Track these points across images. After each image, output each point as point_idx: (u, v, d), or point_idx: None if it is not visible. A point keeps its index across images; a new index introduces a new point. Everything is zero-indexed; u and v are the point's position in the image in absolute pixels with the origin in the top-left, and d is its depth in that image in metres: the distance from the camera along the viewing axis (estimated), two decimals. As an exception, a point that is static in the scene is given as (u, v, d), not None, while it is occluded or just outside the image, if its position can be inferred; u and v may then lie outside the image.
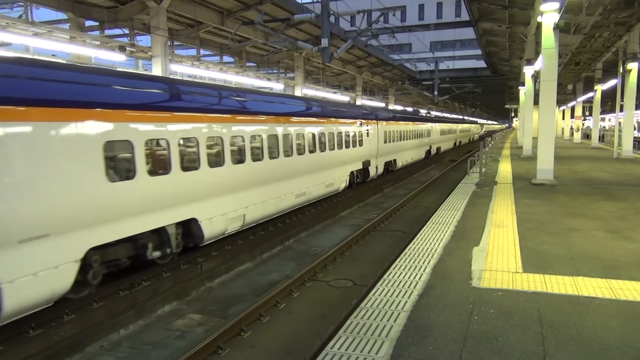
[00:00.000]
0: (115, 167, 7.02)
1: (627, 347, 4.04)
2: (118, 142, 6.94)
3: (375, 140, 19.63)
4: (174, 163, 7.98)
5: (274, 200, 11.44)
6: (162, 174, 7.79)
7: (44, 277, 5.87)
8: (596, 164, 19.65)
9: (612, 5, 16.20)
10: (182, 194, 8.27)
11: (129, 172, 7.17)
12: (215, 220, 9.21)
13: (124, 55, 14.97)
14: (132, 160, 7.18)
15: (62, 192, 6.06)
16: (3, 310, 5.43)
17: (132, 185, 7.16)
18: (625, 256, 6.58)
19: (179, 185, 8.14)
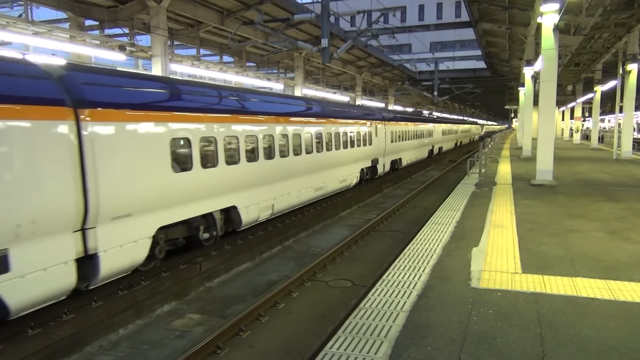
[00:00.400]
0: (178, 160, 8.20)
1: (626, 348, 4.04)
2: (180, 140, 8.25)
3: (383, 139, 20.70)
4: (220, 158, 9.27)
5: (297, 192, 12.77)
6: (211, 167, 9.05)
7: (128, 248, 7.24)
8: (595, 165, 19.66)
9: (612, 6, 16.22)
10: (226, 184, 9.58)
11: (187, 165, 8.40)
12: (251, 209, 10.56)
13: (124, 55, 14.97)
14: (190, 155, 8.45)
15: (141, 180, 7.32)
16: (100, 275, 6.80)
17: (190, 175, 8.44)
18: (624, 257, 6.58)
19: (223, 177, 9.43)
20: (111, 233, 6.91)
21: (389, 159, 22.23)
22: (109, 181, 6.69)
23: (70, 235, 6.39)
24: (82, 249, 6.57)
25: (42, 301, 6.14)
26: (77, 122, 6.33)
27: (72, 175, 6.23)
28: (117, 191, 6.86)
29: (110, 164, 6.74)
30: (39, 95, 5.96)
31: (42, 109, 5.91)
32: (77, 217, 6.36)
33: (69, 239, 6.36)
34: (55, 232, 6.15)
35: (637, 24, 18.70)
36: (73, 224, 6.36)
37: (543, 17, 13.23)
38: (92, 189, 6.45)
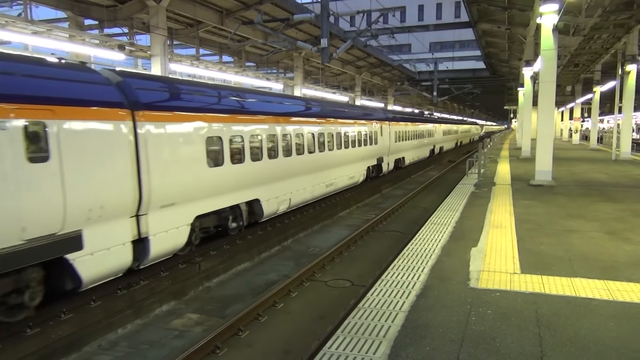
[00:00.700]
0: (211, 156, 9.11)
1: (625, 348, 4.05)
2: (213, 138, 9.17)
3: (387, 139, 21.75)
4: (247, 155, 10.24)
5: (310, 188, 13.77)
6: (239, 162, 10.00)
7: (172, 234, 8.20)
8: (594, 166, 19.68)
9: (611, 7, 16.23)
10: (251, 179, 10.56)
11: (219, 161, 9.34)
12: (271, 202, 11.55)
13: (123, 54, 14.96)
14: (222, 152, 9.41)
15: (183, 173, 8.30)
16: (150, 256, 7.78)
17: (221, 170, 9.41)
18: (622, 257, 6.59)
19: (249, 172, 10.41)
20: (159, 220, 7.90)
21: (393, 158, 23.17)
22: (158, 174, 7.70)
23: (128, 220, 7.37)
24: (136, 233, 7.54)
25: (105, 276, 7.11)
26: (133, 122, 7.33)
27: (131, 167, 7.24)
28: (165, 182, 7.88)
29: (160, 159, 7.75)
30: (104, 99, 6.92)
31: (106, 111, 6.88)
32: (133, 204, 7.36)
33: (127, 223, 7.35)
34: (117, 217, 7.13)
35: (636, 25, 18.72)
36: (130, 210, 7.35)
37: (542, 17, 13.24)
38: (145, 180, 7.45)
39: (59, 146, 6.11)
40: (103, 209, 6.74)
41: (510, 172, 17.59)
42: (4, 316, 6.09)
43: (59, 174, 6.11)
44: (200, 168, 8.75)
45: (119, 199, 7.05)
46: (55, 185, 6.07)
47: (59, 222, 6.16)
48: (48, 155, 6.00)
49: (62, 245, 6.30)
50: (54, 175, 6.04)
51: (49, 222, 6.05)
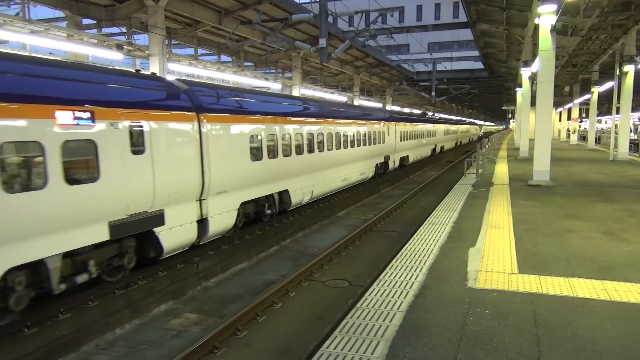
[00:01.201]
0: (253, 152, 10.65)
1: (622, 348, 4.06)
2: (255, 136, 10.76)
3: (393, 139, 23.51)
4: (279, 151, 11.80)
5: (329, 181, 15.34)
6: (273, 158, 11.53)
7: (224, 216, 9.76)
8: (592, 166, 19.72)
9: (609, 7, 16.26)
10: (282, 172, 12.09)
11: (258, 156, 10.90)
12: (297, 192, 13.10)
13: (121, 54, 14.94)
14: (261, 148, 10.97)
15: (233, 165, 9.86)
16: (208, 234, 9.29)
17: (261, 164, 10.98)
18: (620, 258, 6.61)
19: (281, 166, 11.96)
20: (215, 204, 9.44)
21: (398, 156, 24.88)
22: (216, 165, 9.21)
23: (194, 204, 8.92)
24: (199, 214, 9.07)
25: (178, 248, 8.71)
26: (198, 122, 8.83)
27: (197, 160, 8.78)
28: (220, 173, 9.38)
29: (217, 153, 9.27)
30: (178, 104, 8.51)
31: (179, 114, 8.46)
32: (198, 190, 8.91)
33: (193, 206, 8.90)
34: (187, 200, 8.69)
35: (634, 26, 18.75)
36: (196, 195, 8.92)
37: (540, 18, 13.26)
38: (206, 171, 8.98)
39: (150, 142, 7.69)
40: (178, 193, 8.34)
41: (508, 172, 17.62)
42: (108, 276, 7.63)
43: (151, 164, 7.71)
44: (246, 162, 10.42)
45: (188, 185, 8.66)
46: (149, 172, 7.65)
47: (150, 202, 7.72)
48: (144, 149, 7.59)
49: (152, 221, 7.87)
50: (147, 165, 7.64)
51: (144, 201, 7.62)
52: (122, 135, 7.16)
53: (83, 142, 6.62)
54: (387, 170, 23.08)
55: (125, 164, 7.19)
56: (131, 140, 7.31)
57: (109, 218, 7.02)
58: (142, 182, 7.53)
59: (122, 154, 7.15)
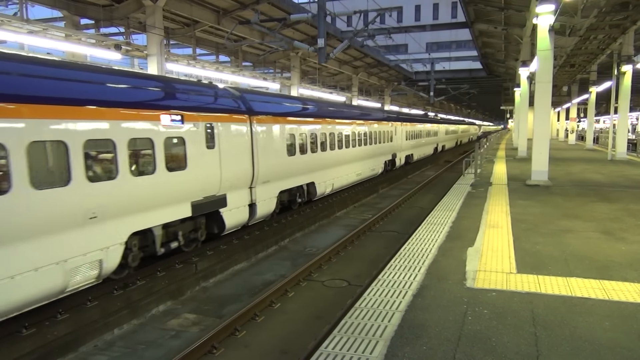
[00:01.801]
0: (288, 148, 12.45)
1: (620, 347, 4.07)
2: (290, 135, 12.59)
3: (400, 138, 25.39)
4: (308, 148, 13.64)
5: (346, 176, 17.18)
6: (303, 153, 13.36)
7: (267, 201, 11.61)
8: (590, 166, 19.76)
9: (607, 7, 16.30)
10: (310, 166, 13.94)
11: (292, 152, 12.72)
12: (321, 184, 14.96)
13: (120, 54, 14.91)
14: (294, 145, 12.84)
15: (274, 159, 11.65)
16: (256, 216, 11.15)
17: (294, 159, 12.84)
18: (618, 257, 6.62)
19: (309, 161, 13.83)
20: (261, 191, 11.31)
21: (404, 154, 26.68)
22: (262, 159, 11.02)
23: (247, 190, 10.78)
24: (250, 199, 10.90)
25: (236, 226, 10.60)
26: (250, 123, 10.63)
27: (249, 154, 10.59)
28: (265, 165, 11.18)
29: (263, 149, 11.10)
30: (235, 108, 10.29)
31: (237, 116, 10.22)
32: (249, 179, 10.74)
33: (246, 192, 10.78)
34: (242, 187, 10.54)
35: (631, 26, 18.79)
36: (248, 183, 10.76)
37: (539, 18, 13.28)
38: (256, 163, 10.80)
39: (218, 139, 9.47)
40: (236, 181, 10.16)
41: (507, 172, 17.64)
42: (185, 247, 9.44)
43: (219, 157, 9.48)
44: (283, 156, 12.20)
45: (243, 175, 10.46)
46: (217, 163, 9.44)
47: (218, 187, 9.56)
48: (214, 144, 9.37)
49: (218, 202, 9.69)
50: (216, 158, 9.42)
51: (214, 187, 9.44)
52: (200, 134, 9.01)
53: (177, 138, 8.45)
54: (394, 167, 24.83)
55: (202, 156, 9.04)
56: (206, 138, 9.16)
57: (191, 199, 8.86)
58: (213, 171, 9.41)
59: (200, 149, 8.99)
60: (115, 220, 7.20)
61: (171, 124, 8.23)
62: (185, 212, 8.72)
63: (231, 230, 10.39)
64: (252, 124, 10.70)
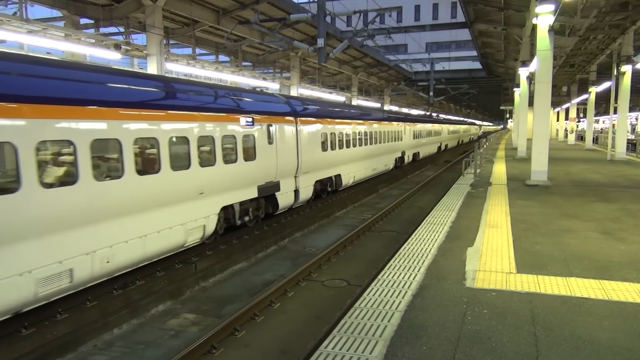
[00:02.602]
0: (323, 145, 14.87)
1: (619, 347, 4.07)
2: (324, 133, 14.92)
3: (408, 137, 27.79)
4: (336, 145, 16.02)
5: (363, 170, 19.49)
6: (333, 150, 15.79)
7: (307, 189, 13.95)
8: (590, 166, 19.77)
9: (606, 8, 16.30)
10: (337, 160, 16.34)
11: (326, 148, 15.09)
12: (346, 176, 17.43)
13: (119, 54, 14.90)
14: (327, 142, 15.17)
15: (312, 154, 13.97)
16: (299, 200, 13.50)
17: (327, 154, 15.27)
18: (617, 257, 6.62)
19: (338, 156, 16.26)
20: (303, 180, 13.67)
21: (411, 152, 29.12)
22: (304, 153, 13.36)
23: (292, 179, 13.16)
24: (294, 186, 13.28)
25: (285, 208, 12.97)
26: (295, 123, 12.96)
27: (295, 149, 12.92)
28: (306, 158, 13.52)
29: (304, 145, 13.43)
30: (285, 111, 12.68)
31: (287, 118, 12.59)
32: (295, 169, 13.05)
33: (292, 180, 13.17)
34: (290, 176, 12.93)
35: (631, 26, 18.80)
36: (294, 173, 13.10)
37: (538, 18, 13.28)
38: (299, 157, 13.13)
39: (275, 136, 11.78)
40: (286, 170, 12.52)
41: (506, 172, 17.65)
42: (248, 223, 11.62)
43: (275, 151, 11.82)
44: (318, 152, 14.57)
45: (291, 166, 12.79)
46: (274, 156, 11.77)
47: (274, 175, 11.94)
48: (272, 141, 11.70)
49: (275, 187, 12.14)
50: (274, 151, 11.75)
51: (272, 174, 11.80)
52: (264, 132, 11.32)
53: (249, 135, 10.73)
54: (403, 164, 27.21)
55: (265, 150, 11.34)
56: (267, 135, 11.47)
57: (257, 183, 11.26)
58: (272, 162, 11.68)
59: (264, 144, 11.31)
60: (213, 197, 9.59)
61: (246, 125, 10.65)
62: (254, 194, 11.21)
63: (281, 210, 12.81)
64: (297, 124, 13.07)
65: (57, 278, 6.30)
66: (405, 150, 27.13)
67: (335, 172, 16.25)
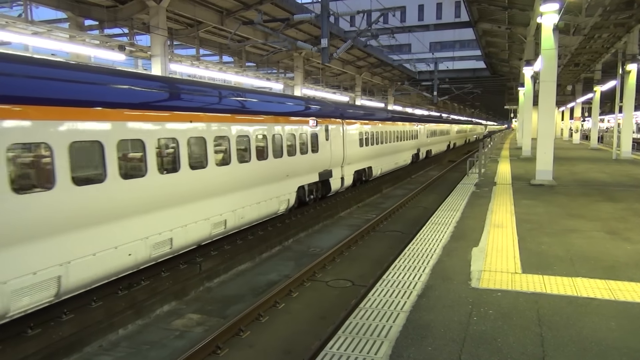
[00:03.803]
0: (360, 141, 18.12)
1: (626, 348, 4.04)
2: (360, 132, 18.10)
3: (423, 136, 31.05)
4: (369, 142, 19.27)
5: (387, 164, 22.63)
6: (367, 146, 19.02)
7: (349, 177, 17.17)
8: (595, 165, 19.68)
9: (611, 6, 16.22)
10: (369, 155, 19.52)
11: (362, 145, 18.34)
12: (375, 168, 20.51)
13: (124, 55, 14.94)
14: (362, 140, 18.40)
15: (353, 149, 17.28)
16: (343, 186, 16.85)
17: (363, 149, 18.48)
18: (624, 257, 6.58)
19: (369, 151, 19.40)
20: (346, 170, 16.86)
21: (425, 149, 32.23)
22: (348, 148, 16.64)
23: (339, 168, 16.17)
24: (341, 174, 16.29)
25: (335, 191, 16.13)
26: (342, 125, 16.21)
27: (342, 144, 16.07)
28: (349, 152, 16.76)
29: (348, 141, 16.69)
30: (337, 115, 15.87)
31: (337, 120, 15.79)
32: (342, 161, 16.11)
33: (339, 169, 16.21)
34: (338, 166, 15.89)
35: (636, 24, 18.70)
36: (341, 163, 16.12)
37: (543, 17, 13.22)
38: (345, 150, 16.30)
39: (330, 134, 14.93)
40: (336, 161, 15.72)
41: (511, 171, 17.59)
42: (310, 202, 14.51)
43: (330, 146, 15.03)
44: (357, 147, 17.92)
45: (339, 158, 16.01)
46: (329, 149, 14.96)
47: (329, 164, 15.01)
48: (328, 138, 14.89)
49: (328, 174, 15.21)
50: (329, 146, 14.93)
51: (327, 164, 14.91)
52: (323, 131, 14.65)
53: (315, 133, 14.06)
54: (418, 160, 30.27)
55: (324, 145, 14.67)
56: (325, 134, 14.79)
57: (318, 170, 14.53)
58: (328, 154, 14.97)
59: (323, 140, 14.65)
60: (293, 179, 12.95)
61: (313, 125, 13.99)
62: (316, 178, 14.55)
63: (332, 193, 16.07)
64: (343, 125, 16.41)
65: (162, 244, 7.99)
66: (420, 148, 30.46)
67: (367, 164, 19.45)
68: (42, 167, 6.06)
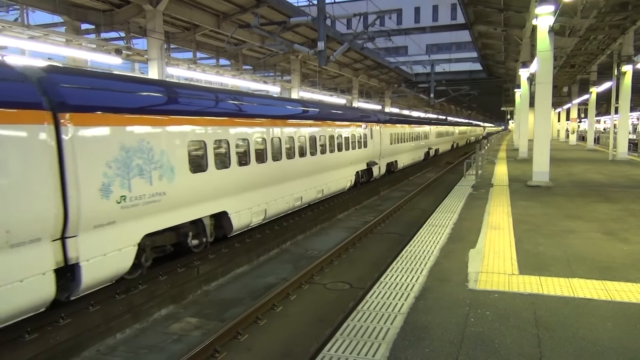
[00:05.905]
0: (390, 140, 22.24)
1: (623, 348, 4.06)
2: (390, 133, 22.24)
3: (432, 136, 34.73)
4: (396, 141, 23.31)
5: (407, 159, 26.52)
6: (395, 144, 23.09)
7: (382, 168, 22.12)
8: (592, 166, 19.75)
9: (606, 8, 16.29)
10: (395, 151, 23.54)
11: (392, 142, 22.56)
12: (399, 162, 24.41)
13: (120, 59, 14.95)
14: (392, 139, 22.50)
15: (386, 146, 21.69)
16: (381, 172, 21.54)
17: (391, 146, 22.62)
18: (620, 257, 6.61)
19: (395, 148, 23.36)
20: (382, 162, 21.16)
21: (434, 148, 35.98)
22: (383, 145, 21.00)
23: (378, 160, 20.60)
24: (379, 165, 20.78)
25: (375, 178, 20.82)
26: (379, 127, 20.54)
27: (380, 142, 20.52)
28: (384, 149, 21.12)
29: (383, 140, 21.05)
30: (375, 120, 20.31)
31: (377, 124, 20.23)
32: (379, 154, 20.60)
33: (378, 161, 20.54)
34: (377, 158, 20.33)
35: (631, 26, 18.79)
36: (378, 156, 20.62)
37: (538, 19, 13.29)
38: (381, 147, 20.75)
39: (371, 134, 19.25)
40: (376, 155, 19.96)
41: (508, 173, 17.64)
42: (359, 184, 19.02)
43: (372, 143, 19.34)
44: (388, 144, 21.68)
45: (378, 152, 20.16)
46: (372, 146, 19.37)
47: (372, 156, 19.64)
48: (372, 136, 19.27)
49: (373, 163, 19.65)
50: (372, 144, 19.31)
51: (372, 156, 19.55)
52: (368, 132, 18.67)
53: (364, 134, 18.05)
54: (428, 157, 33.55)
55: (369, 142, 18.65)
56: (370, 134, 18.88)
57: (366, 160, 18.62)
58: (371, 149, 19.11)
59: (369, 139, 18.62)
60: (354, 165, 17.37)
61: (363, 128, 18.15)
62: (364, 167, 18.77)
63: (373, 179, 20.15)
64: (380, 127, 20.43)
65: (260, 213, 10.75)
66: (431, 147, 34.39)
67: (394, 159, 23.56)
68: (202, 156, 8.70)
